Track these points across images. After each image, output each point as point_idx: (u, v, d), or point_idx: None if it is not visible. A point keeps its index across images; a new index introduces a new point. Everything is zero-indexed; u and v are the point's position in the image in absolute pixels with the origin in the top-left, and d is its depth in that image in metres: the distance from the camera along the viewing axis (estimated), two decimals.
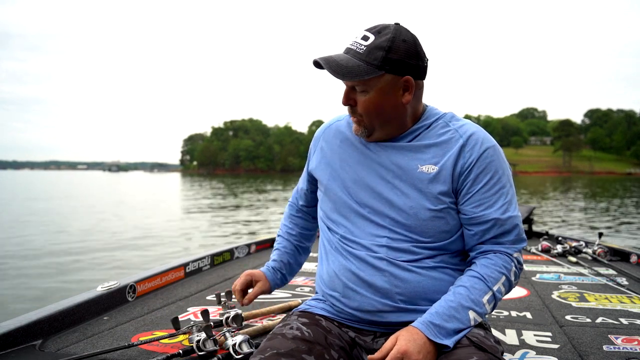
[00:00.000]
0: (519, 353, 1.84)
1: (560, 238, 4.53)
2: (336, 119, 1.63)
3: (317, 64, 1.35)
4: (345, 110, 1.49)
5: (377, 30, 1.34)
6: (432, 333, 1.24)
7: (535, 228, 5.50)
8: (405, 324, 1.35)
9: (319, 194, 1.60)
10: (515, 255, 1.40)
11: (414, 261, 1.38)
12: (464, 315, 1.29)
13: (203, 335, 1.73)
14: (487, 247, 1.39)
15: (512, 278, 1.38)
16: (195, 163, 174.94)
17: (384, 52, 1.31)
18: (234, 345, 1.69)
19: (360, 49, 1.33)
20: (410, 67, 1.35)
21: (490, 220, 1.36)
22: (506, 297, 2.79)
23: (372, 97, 1.35)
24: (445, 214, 1.39)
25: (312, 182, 1.69)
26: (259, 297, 1.72)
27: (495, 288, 1.34)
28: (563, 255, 4.06)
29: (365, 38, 1.34)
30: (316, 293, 1.58)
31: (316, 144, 1.63)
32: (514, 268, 1.39)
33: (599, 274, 3.32)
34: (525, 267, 3.64)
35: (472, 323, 1.30)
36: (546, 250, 4.18)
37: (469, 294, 1.31)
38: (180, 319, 1.83)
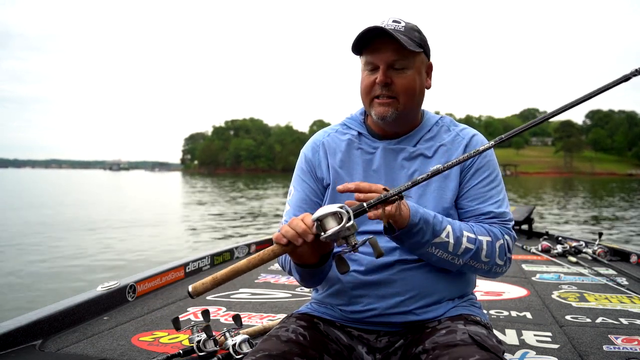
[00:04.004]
0: (519, 353, 1.84)
1: (560, 238, 4.53)
2: (328, 130, 1.57)
3: (363, 36, 1.34)
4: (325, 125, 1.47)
5: (401, 19, 1.40)
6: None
7: (535, 228, 5.51)
8: (409, 324, 1.36)
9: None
10: (506, 237, 1.39)
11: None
12: (439, 220, 1.29)
13: (203, 335, 1.73)
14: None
15: (497, 249, 1.35)
16: (196, 162, 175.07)
17: (419, 34, 1.40)
18: (234, 345, 1.69)
19: (399, 29, 1.36)
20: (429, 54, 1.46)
21: (486, 212, 1.41)
22: (506, 297, 2.82)
23: (411, 76, 1.39)
24: (453, 208, 1.43)
25: (316, 196, 1.51)
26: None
27: (480, 238, 1.33)
28: (563, 255, 4.07)
29: (396, 22, 1.39)
30: (312, 300, 1.55)
31: (315, 155, 1.53)
32: (502, 241, 1.37)
33: (599, 274, 3.32)
34: (525, 267, 3.65)
35: (444, 236, 1.28)
36: (546, 250, 4.18)
37: (454, 222, 1.34)
38: (180, 319, 1.83)
